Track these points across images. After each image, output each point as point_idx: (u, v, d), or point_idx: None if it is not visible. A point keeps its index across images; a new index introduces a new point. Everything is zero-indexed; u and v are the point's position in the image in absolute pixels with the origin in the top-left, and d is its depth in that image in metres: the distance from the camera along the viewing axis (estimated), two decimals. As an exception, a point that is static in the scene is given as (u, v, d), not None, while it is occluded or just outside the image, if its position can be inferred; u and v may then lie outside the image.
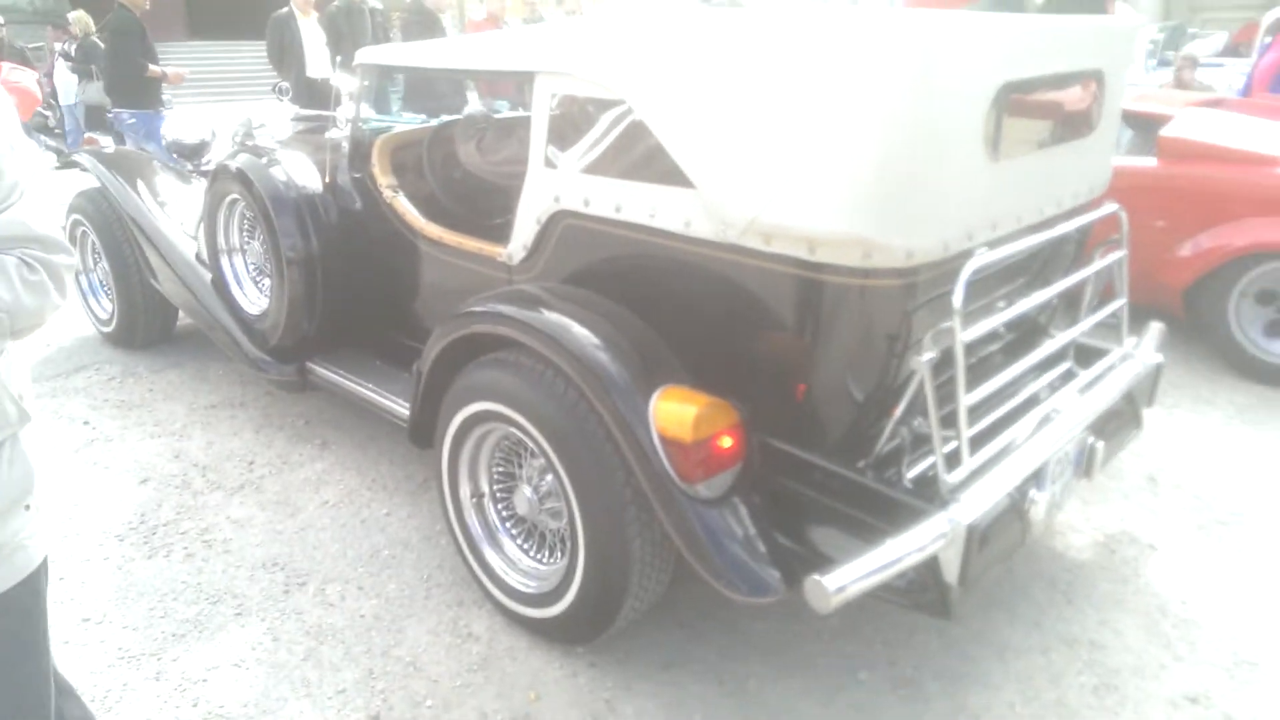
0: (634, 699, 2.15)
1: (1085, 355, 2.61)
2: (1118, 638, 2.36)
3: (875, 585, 1.70)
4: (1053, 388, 2.44)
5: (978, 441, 1.97)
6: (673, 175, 1.98)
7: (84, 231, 4.10)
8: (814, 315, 1.91)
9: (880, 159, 1.70)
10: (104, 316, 4.29)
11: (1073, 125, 2.26)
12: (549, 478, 2.19)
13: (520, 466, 2.33)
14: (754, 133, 1.84)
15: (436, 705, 2.14)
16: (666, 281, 2.12)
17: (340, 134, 3.10)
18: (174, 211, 3.84)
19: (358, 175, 3.05)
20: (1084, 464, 2.29)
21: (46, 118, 10.41)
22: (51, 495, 2.95)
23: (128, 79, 6.40)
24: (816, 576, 1.64)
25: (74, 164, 4.21)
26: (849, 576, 1.67)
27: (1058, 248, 2.39)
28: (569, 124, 2.29)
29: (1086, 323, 2.40)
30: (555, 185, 2.26)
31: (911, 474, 2.02)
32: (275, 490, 3.08)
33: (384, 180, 2.96)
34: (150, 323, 4.16)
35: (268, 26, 6.94)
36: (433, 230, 2.77)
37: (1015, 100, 1.94)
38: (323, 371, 3.12)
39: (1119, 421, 2.48)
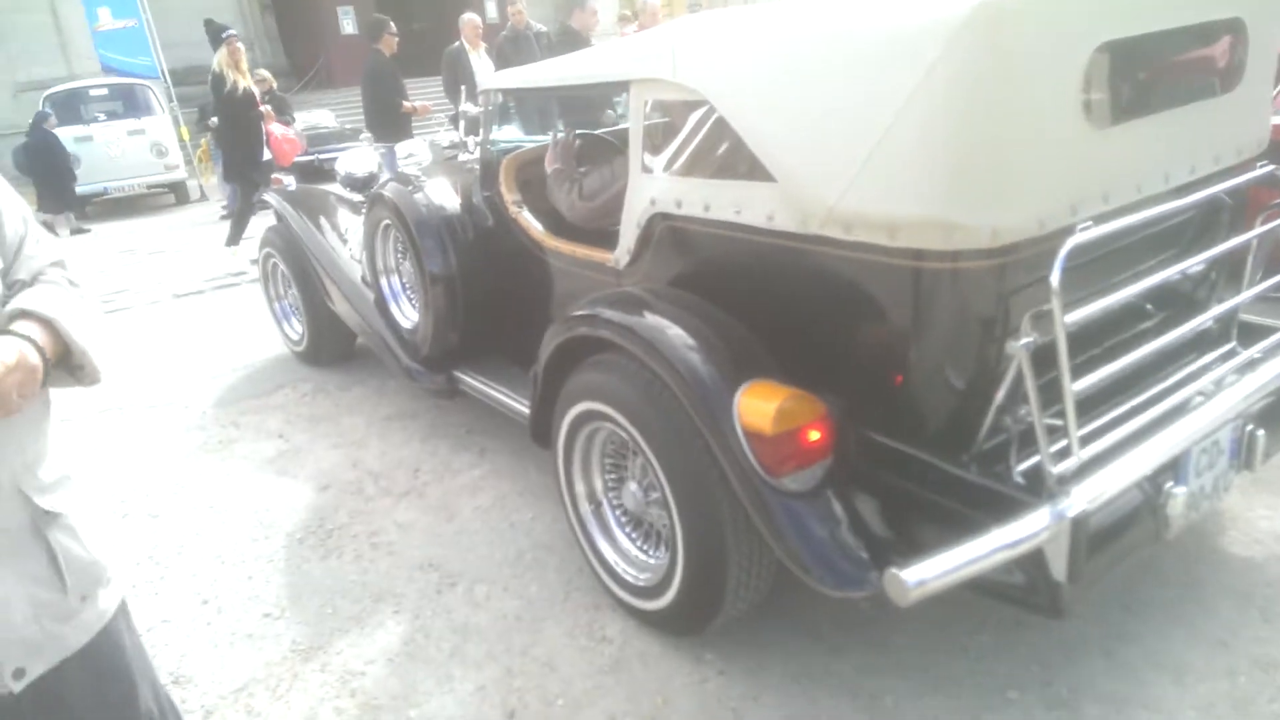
0: (761, 710, 2.12)
1: (1254, 335, 2.34)
2: (1324, 663, 2.07)
3: (963, 580, 1.62)
4: (1208, 370, 2.21)
5: (1100, 431, 1.83)
6: (754, 170, 1.98)
7: (274, 262, 4.61)
8: (902, 303, 1.84)
9: (951, 133, 1.62)
10: (295, 338, 4.80)
11: (1207, 82, 2.05)
12: (650, 474, 2.24)
13: (626, 463, 2.40)
14: (825, 118, 1.81)
15: (568, 705, 2.20)
16: (757, 277, 2.12)
17: (472, 157, 3.30)
18: (345, 240, 4.24)
19: (488, 194, 3.26)
20: (1241, 454, 2.06)
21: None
22: (243, 503, 3.36)
23: (385, 115, 7.10)
24: (894, 570, 1.59)
25: (264, 204, 4.77)
26: (932, 571, 1.59)
27: (1207, 216, 2.17)
28: (661, 129, 2.34)
29: (1241, 298, 2.16)
30: (651, 189, 2.31)
31: (1023, 467, 1.90)
32: (436, 496, 3.27)
33: (509, 197, 3.15)
34: (333, 342, 4.59)
35: (442, 62, 7.43)
36: (551, 241, 2.92)
37: (1123, 60, 1.79)
38: (467, 379, 3.34)
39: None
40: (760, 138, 1.96)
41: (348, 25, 18.47)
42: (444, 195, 3.43)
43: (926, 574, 1.59)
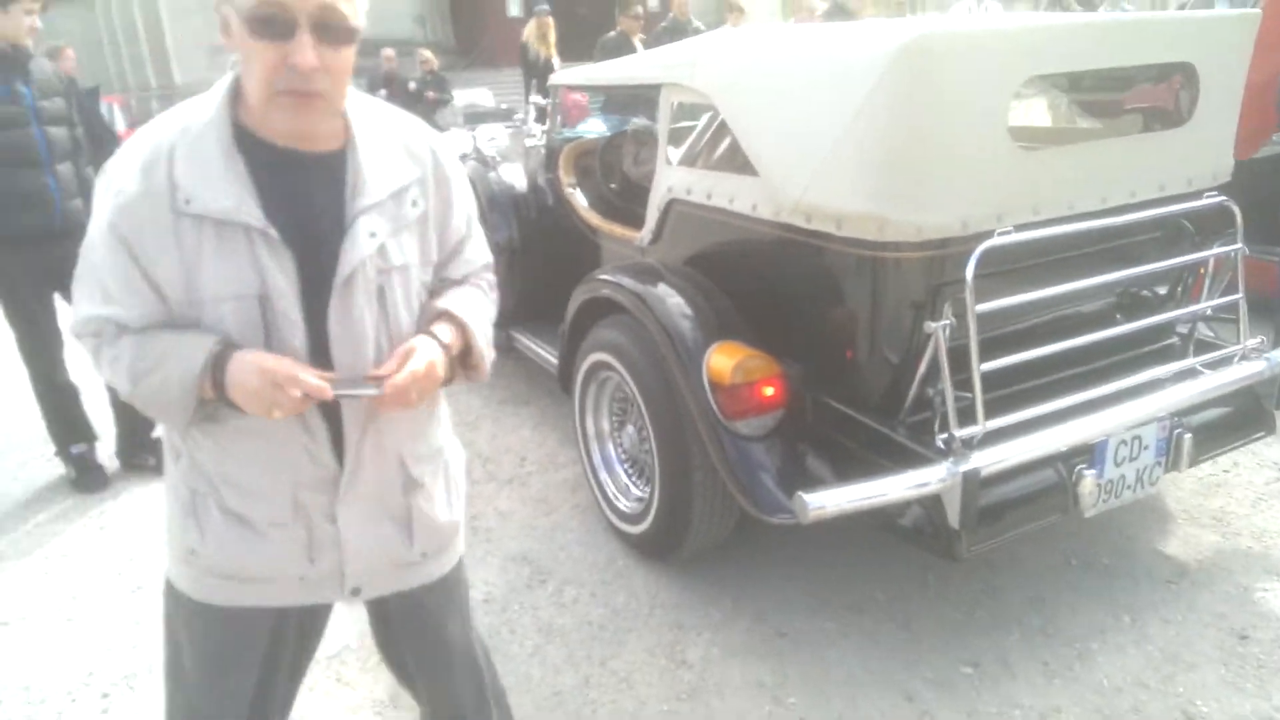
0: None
1: (1207, 351, 2.56)
2: None
3: (860, 510, 1.97)
4: (1158, 380, 2.44)
5: (1005, 408, 2.13)
6: (744, 166, 2.37)
7: None
8: (848, 285, 2.20)
9: (884, 145, 1.98)
10: None
11: (1151, 116, 2.31)
12: (642, 420, 2.65)
13: (628, 409, 2.81)
14: (795, 126, 2.18)
15: (641, 726, 2.18)
16: (745, 258, 2.50)
17: (539, 144, 3.81)
18: None
19: (550, 177, 3.76)
20: (1170, 454, 2.31)
21: None
22: None
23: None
24: (801, 493, 1.95)
25: None
26: (834, 499, 1.96)
27: (1157, 238, 2.42)
28: (682, 127, 2.75)
29: (1175, 313, 2.40)
30: (670, 178, 2.72)
31: (945, 437, 2.21)
32: (538, 487, 3.31)
33: (566, 180, 3.64)
34: None
35: (597, 48, 7.41)
36: (593, 219, 3.38)
37: (1054, 93, 2.09)
38: (520, 338, 3.83)
39: (1230, 418, 2.44)
40: (749, 138, 2.34)
41: (514, 8, 18.74)
42: (514, 176, 3.97)
43: (827, 500, 1.95)
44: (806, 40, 2.23)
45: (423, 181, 1.32)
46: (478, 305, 1.41)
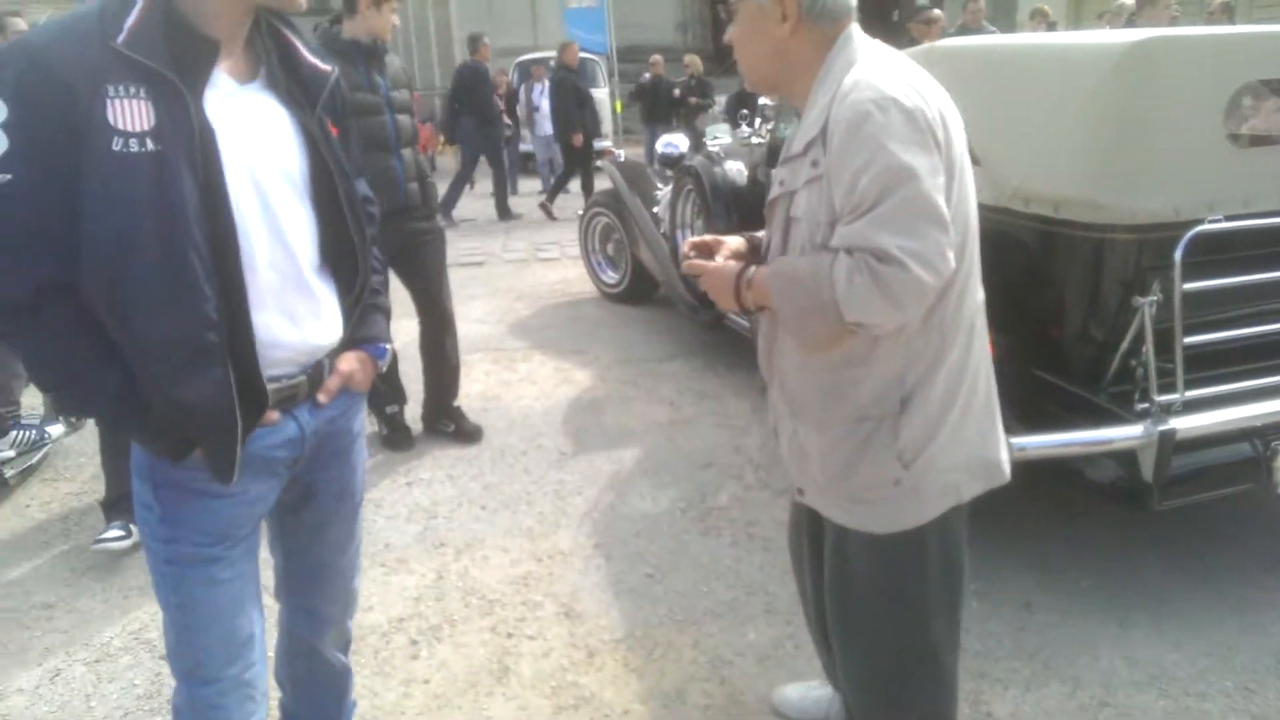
0: None
1: None
2: None
3: (1061, 456, 2.24)
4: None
5: (1203, 384, 2.31)
6: (972, 155, 2.69)
7: (599, 219, 6.04)
8: (1059, 262, 2.48)
9: (1106, 137, 2.26)
10: (611, 282, 6.13)
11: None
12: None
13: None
14: (1017, 118, 2.50)
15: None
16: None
17: (762, 140, 4.36)
18: (651, 202, 5.44)
19: (770, 170, 4.19)
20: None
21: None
22: (633, 461, 3.61)
23: None
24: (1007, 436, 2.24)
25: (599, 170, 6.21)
26: (1033, 441, 2.24)
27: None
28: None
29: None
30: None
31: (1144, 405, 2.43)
32: None
33: None
34: (642, 286, 5.82)
35: None
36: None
37: (1272, 96, 2.29)
38: (733, 315, 4.30)
39: None
40: (977, 129, 2.65)
41: None
42: (736, 171, 4.51)
43: (1029, 443, 2.24)
44: (1035, 41, 2.53)
45: None
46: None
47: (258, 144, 1.36)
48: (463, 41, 15.83)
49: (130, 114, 1.20)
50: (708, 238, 1.68)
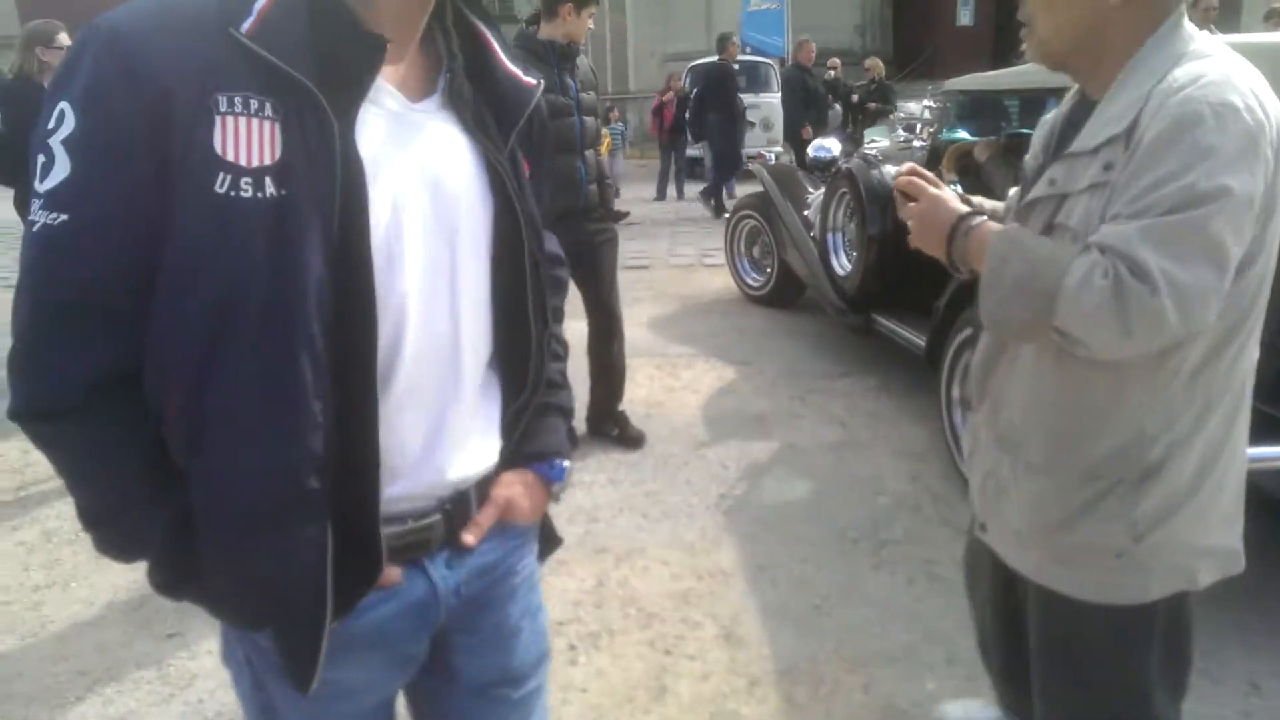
0: None
1: None
2: None
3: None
4: None
5: None
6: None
7: (746, 222, 6.02)
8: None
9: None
10: (756, 285, 6.11)
11: None
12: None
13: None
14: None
15: None
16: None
17: (924, 144, 4.29)
18: (801, 205, 5.38)
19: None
20: None
21: None
22: (798, 483, 3.41)
23: None
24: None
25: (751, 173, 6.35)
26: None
27: None
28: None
29: None
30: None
31: None
32: None
33: (947, 177, 4.00)
34: (788, 289, 5.77)
35: None
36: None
37: None
38: (882, 320, 4.25)
39: None
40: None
41: (964, 17, 18.42)
42: (893, 174, 4.35)
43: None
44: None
45: None
46: None
47: (425, 188, 0.93)
48: (636, 46, 15.98)
49: (246, 139, 0.80)
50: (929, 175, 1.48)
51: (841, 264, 4.73)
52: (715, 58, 10.30)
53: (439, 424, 0.98)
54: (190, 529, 0.87)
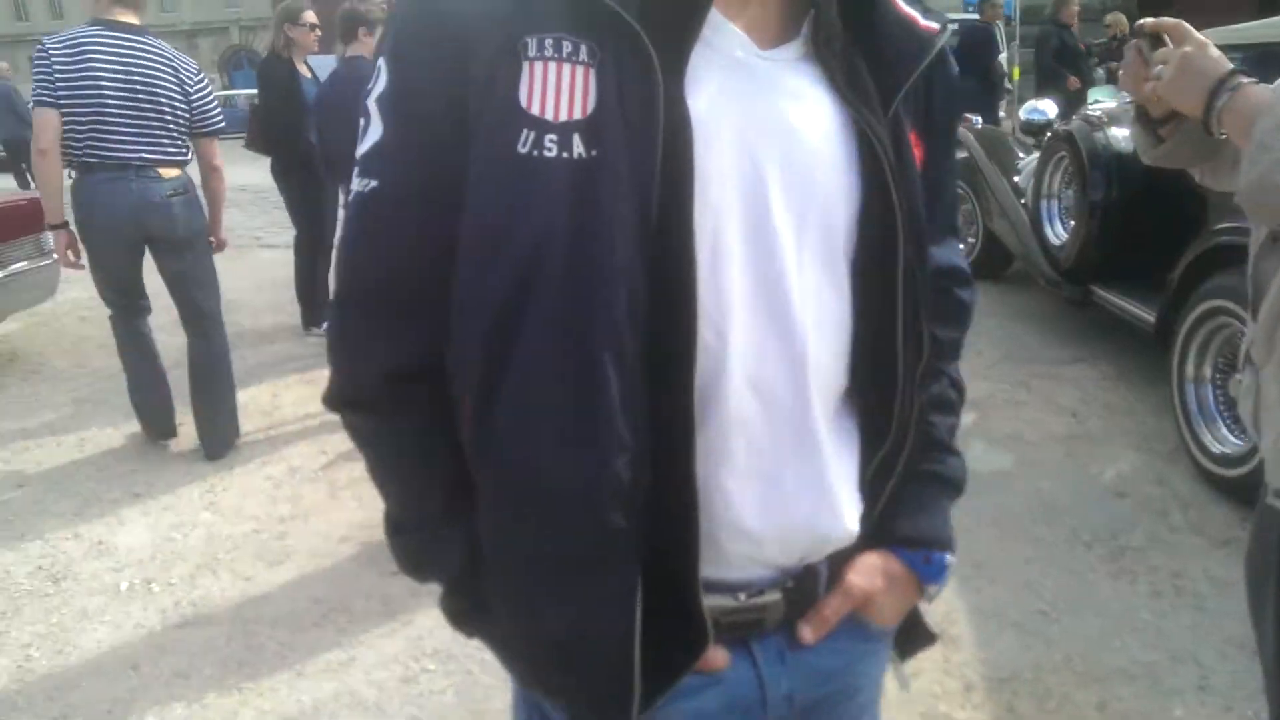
0: None
1: None
2: None
3: None
4: None
5: None
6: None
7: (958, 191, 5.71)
8: None
9: None
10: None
11: None
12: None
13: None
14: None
15: None
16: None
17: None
18: (1011, 171, 5.07)
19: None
20: None
21: None
22: (1016, 475, 3.16)
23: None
24: None
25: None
26: None
27: None
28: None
29: None
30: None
31: None
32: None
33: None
34: (995, 259, 5.46)
35: None
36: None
37: None
38: (1103, 293, 3.97)
39: None
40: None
41: None
42: (1119, 137, 3.94)
43: None
44: None
45: None
46: None
47: (770, 162, 0.72)
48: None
49: (555, 89, 0.66)
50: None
51: (1056, 233, 4.45)
52: (975, 18, 9.80)
53: (776, 470, 0.76)
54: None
